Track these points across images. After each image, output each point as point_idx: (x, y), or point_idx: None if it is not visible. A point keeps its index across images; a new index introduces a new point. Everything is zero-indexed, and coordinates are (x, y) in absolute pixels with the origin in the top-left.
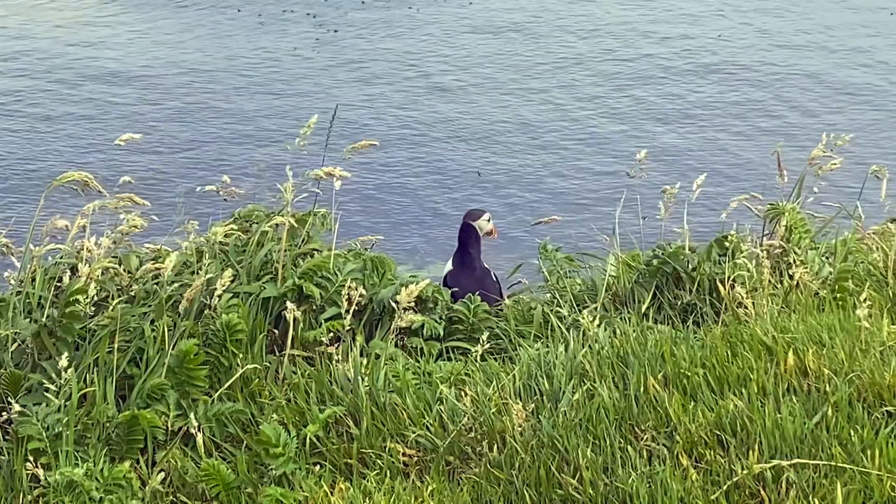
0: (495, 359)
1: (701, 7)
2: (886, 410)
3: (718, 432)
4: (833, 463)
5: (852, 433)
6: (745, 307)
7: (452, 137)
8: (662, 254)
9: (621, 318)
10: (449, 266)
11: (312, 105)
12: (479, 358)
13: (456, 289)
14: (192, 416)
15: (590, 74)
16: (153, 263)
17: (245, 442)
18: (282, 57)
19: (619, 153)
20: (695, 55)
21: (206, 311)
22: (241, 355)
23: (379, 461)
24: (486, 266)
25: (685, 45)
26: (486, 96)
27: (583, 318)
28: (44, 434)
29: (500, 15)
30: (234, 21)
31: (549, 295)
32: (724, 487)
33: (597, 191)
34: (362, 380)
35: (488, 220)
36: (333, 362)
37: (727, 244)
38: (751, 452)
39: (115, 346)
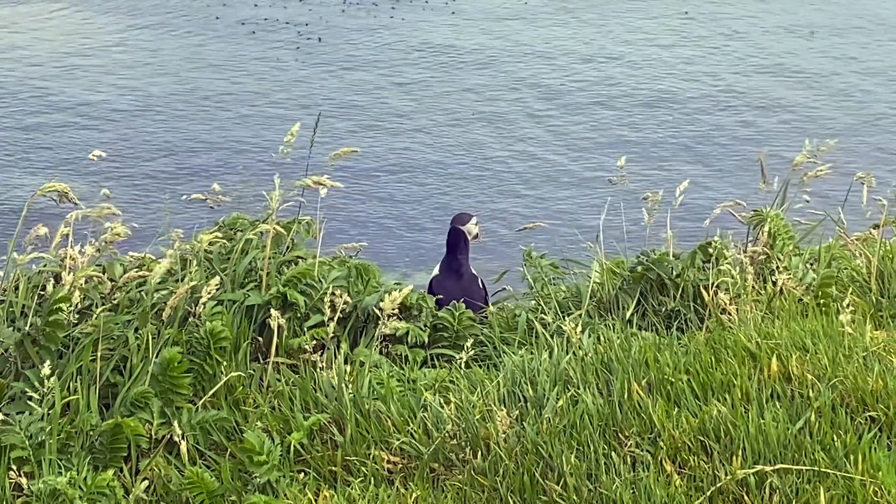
0: (480, 366)
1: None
2: (869, 416)
3: (702, 438)
4: (816, 468)
5: (835, 438)
6: (729, 313)
7: (437, 144)
8: (647, 260)
9: (605, 325)
10: (436, 271)
11: (292, 113)
12: (463, 365)
13: (441, 295)
14: (175, 424)
15: (574, 81)
16: (137, 271)
17: (229, 450)
18: (264, 64)
19: (602, 160)
20: (679, 58)
21: (190, 319)
22: (225, 363)
23: (363, 468)
24: (473, 272)
25: (668, 51)
26: (470, 103)
27: (567, 324)
28: (27, 442)
29: (484, 23)
30: (215, 28)
31: (533, 302)
32: (708, 493)
33: (582, 197)
34: (346, 387)
35: (475, 224)
36: (318, 370)
37: (711, 251)
38: (734, 458)
39: (99, 354)
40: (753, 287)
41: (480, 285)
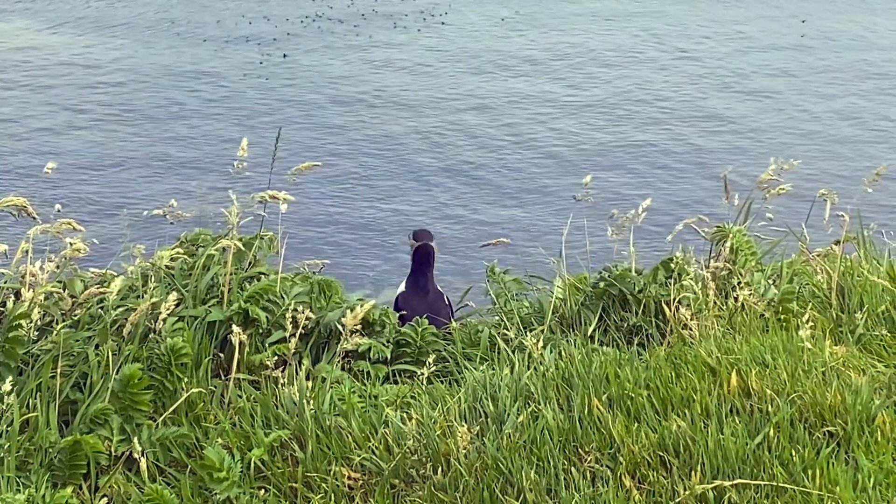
0: (442, 381)
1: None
2: (828, 431)
3: (662, 453)
4: (775, 483)
5: (794, 453)
6: (690, 329)
7: (400, 159)
8: (609, 276)
9: (567, 341)
10: (401, 288)
11: (256, 129)
12: (425, 381)
13: (405, 311)
14: (135, 440)
15: (543, 101)
16: (97, 287)
17: (189, 466)
18: (227, 80)
19: (567, 177)
20: (649, 78)
21: (150, 336)
22: (185, 379)
23: (324, 485)
24: (438, 289)
25: (633, 70)
26: (435, 118)
27: (529, 340)
28: None
29: (456, 41)
30: (178, 43)
31: (496, 318)
32: None
33: (546, 214)
34: (308, 403)
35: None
36: (279, 386)
37: (673, 266)
38: (693, 473)
39: (59, 370)
40: (715, 303)
41: (446, 301)
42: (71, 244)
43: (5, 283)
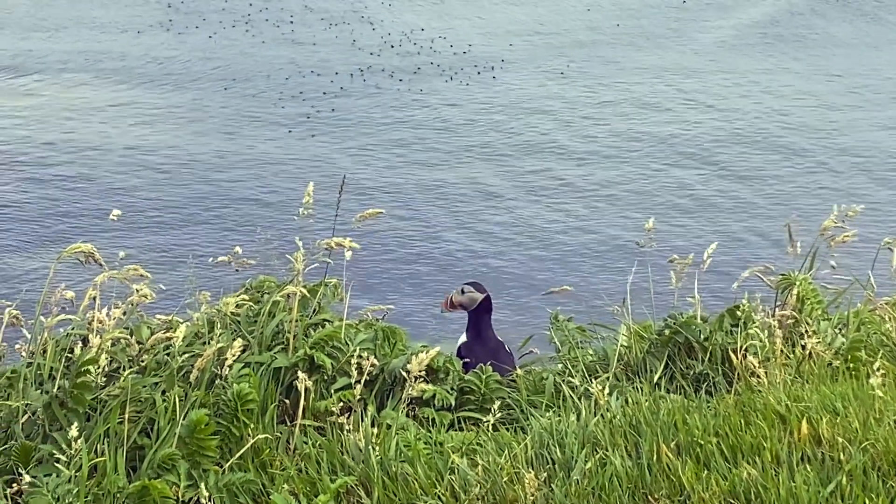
0: (507, 428)
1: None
2: None
3: (732, 501)
4: None
5: (867, 502)
6: (758, 376)
7: (458, 208)
8: (674, 323)
9: (633, 388)
10: (462, 339)
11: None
12: (490, 427)
13: (469, 359)
14: (202, 486)
15: (601, 150)
16: (164, 333)
17: None
18: (282, 132)
19: (629, 222)
20: (708, 126)
21: (217, 382)
22: (252, 425)
23: None
24: (499, 338)
25: (698, 117)
26: (492, 167)
27: (594, 387)
28: None
29: (509, 93)
30: (228, 96)
31: (560, 365)
32: None
33: (609, 260)
34: (373, 449)
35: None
36: (344, 432)
37: (739, 314)
38: None
39: (126, 416)
40: (782, 351)
41: (507, 350)
42: (138, 291)
43: (73, 329)
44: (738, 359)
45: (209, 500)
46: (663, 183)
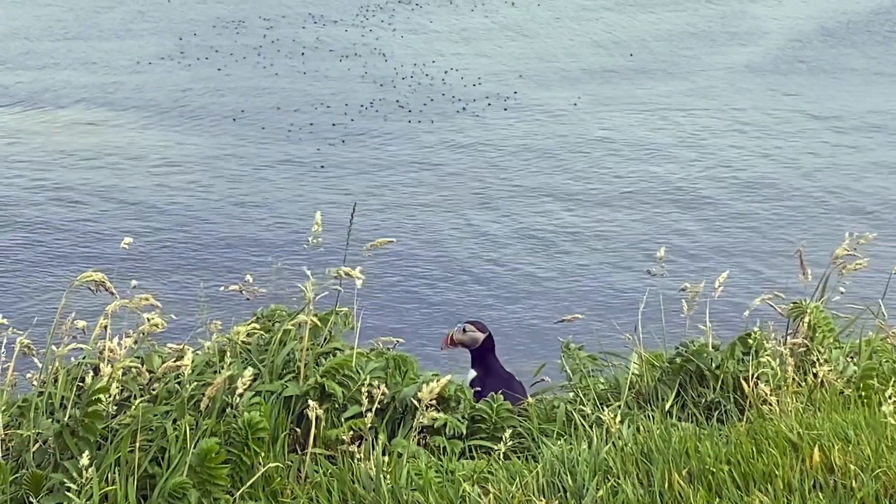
0: (518, 457)
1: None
2: None
3: None
4: None
5: None
6: (770, 404)
7: (468, 238)
8: (686, 352)
9: (645, 416)
10: (472, 373)
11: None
12: (502, 456)
13: (479, 388)
14: None
15: (610, 181)
16: (174, 362)
17: None
18: (293, 165)
19: (640, 250)
20: (716, 158)
21: (228, 410)
22: (262, 454)
23: None
24: (508, 371)
25: (706, 144)
26: (503, 197)
27: (606, 415)
28: None
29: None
30: (236, 127)
31: (571, 393)
32: None
33: (619, 288)
34: (385, 478)
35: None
36: (356, 461)
37: (751, 342)
38: None
39: (137, 445)
40: (794, 379)
41: (518, 381)
42: (149, 320)
43: (85, 358)
44: (749, 387)
45: None
46: (675, 212)
